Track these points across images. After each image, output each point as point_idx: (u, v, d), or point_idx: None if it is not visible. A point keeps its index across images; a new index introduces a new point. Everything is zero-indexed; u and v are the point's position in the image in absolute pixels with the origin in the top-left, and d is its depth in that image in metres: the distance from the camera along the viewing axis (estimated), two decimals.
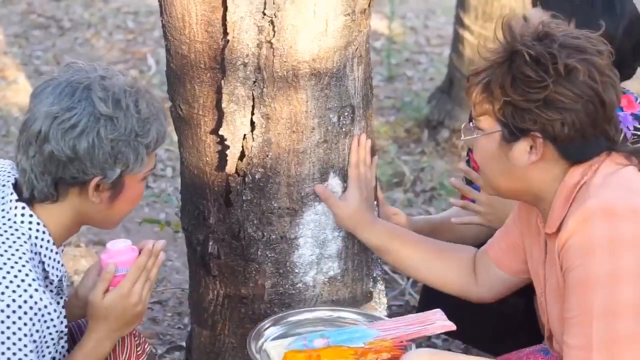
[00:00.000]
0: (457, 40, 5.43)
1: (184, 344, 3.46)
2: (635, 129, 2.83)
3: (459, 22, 5.43)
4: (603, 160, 2.21)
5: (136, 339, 2.57)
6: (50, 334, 2.22)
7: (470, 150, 3.21)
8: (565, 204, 2.20)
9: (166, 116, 2.34)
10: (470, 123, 2.30)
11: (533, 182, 2.24)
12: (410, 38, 7.33)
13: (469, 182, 2.91)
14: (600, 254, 2.10)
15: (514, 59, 2.18)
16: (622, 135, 2.79)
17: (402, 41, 7.18)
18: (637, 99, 2.87)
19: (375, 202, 2.79)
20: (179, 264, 4.24)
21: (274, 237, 2.66)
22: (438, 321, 2.48)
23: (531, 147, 2.20)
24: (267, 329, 2.52)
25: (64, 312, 2.32)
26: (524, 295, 3.01)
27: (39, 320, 2.17)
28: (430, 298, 3.17)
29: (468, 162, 3.13)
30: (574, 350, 2.15)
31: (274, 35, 2.51)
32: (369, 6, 2.61)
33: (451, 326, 2.47)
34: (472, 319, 3.08)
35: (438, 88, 5.73)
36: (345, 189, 2.69)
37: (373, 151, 2.77)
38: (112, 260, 2.33)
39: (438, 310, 2.53)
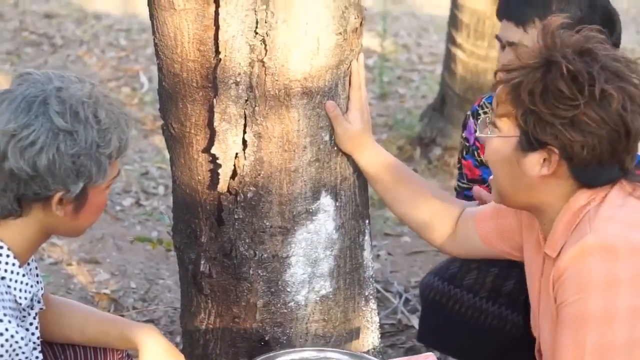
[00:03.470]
0: (449, 58, 5.45)
1: None
2: None
3: (451, 40, 5.44)
4: (611, 187, 2.17)
5: (119, 352, 2.56)
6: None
7: (464, 154, 3.22)
8: (568, 228, 2.17)
9: (128, 122, 2.28)
10: (488, 118, 2.24)
11: (538, 194, 2.20)
12: (402, 56, 7.35)
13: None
14: (596, 292, 2.07)
15: (550, 68, 2.12)
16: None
17: (395, 59, 7.20)
18: None
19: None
20: (170, 282, 4.23)
21: (265, 255, 2.66)
22: None
23: (544, 160, 2.16)
24: None
25: (35, 323, 2.31)
26: (521, 312, 3.01)
27: (7, 351, 2.15)
28: (431, 319, 3.17)
29: (460, 168, 3.14)
30: None
31: (265, 54, 2.51)
32: (360, 25, 2.62)
33: None
34: (473, 339, 3.07)
35: (430, 106, 5.75)
36: (337, 208, 2.69)
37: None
38: None
39: (430, 354, 2.51)
